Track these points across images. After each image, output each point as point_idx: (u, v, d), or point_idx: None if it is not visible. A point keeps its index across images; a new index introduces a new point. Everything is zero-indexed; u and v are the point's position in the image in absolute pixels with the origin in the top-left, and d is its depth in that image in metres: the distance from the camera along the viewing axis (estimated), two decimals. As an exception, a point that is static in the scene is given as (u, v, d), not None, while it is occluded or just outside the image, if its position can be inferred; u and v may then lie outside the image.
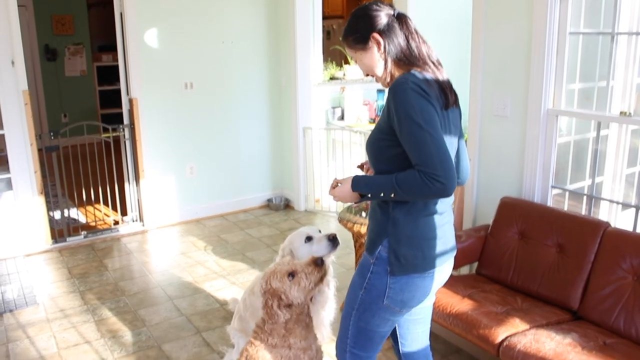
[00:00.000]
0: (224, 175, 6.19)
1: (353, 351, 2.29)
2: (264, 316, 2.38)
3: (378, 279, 2.12)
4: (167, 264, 4.98)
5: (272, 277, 2.31)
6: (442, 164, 1.88)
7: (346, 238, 5.51)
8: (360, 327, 2.23)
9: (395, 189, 1.96)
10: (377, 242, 2.12)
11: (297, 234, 2.94)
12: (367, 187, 2.05)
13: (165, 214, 5.87)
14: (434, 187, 1.88)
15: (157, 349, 3.62)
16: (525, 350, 2.65)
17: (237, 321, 3.33)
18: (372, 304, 2.16)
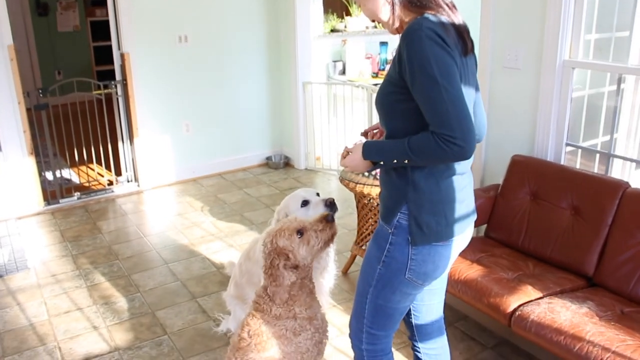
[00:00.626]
0: (222, 133, 5.97)
1: (371, 331, 2.10)
2: (267, 279, 2.20)
3: (398, 251, 1.93)
4: (163, 225, 4.82)
5: (279, 235, 2.12)
6: (459, 124, 1.67)
7: (348, 197, 5.34)
8: (378, 305, 2.04)
9: (408, 154, 1.76)
10: (395, 209, 1.91)
11: (293, 197, 2.75)
12: (378, 154, 1.87)
13: (161, 173, 5.68)
14: (450, 150, 1.68)
15: (151, 315, 3.48)
16: (539, 321, 2.48)
17: (233, 287, 3.18)
18: (393, 278, 1.97)
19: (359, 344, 2.17)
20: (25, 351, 3.16)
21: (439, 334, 2.31)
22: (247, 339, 2.23)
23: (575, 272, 2.91)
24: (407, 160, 1.78)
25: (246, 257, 3.04)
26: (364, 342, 2.14)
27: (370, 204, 3.60)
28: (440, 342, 2.32)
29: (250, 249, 3.02)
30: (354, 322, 2.17)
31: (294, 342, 2.22)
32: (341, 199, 5.32)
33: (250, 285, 3.00)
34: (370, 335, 2.12)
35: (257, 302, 2.26)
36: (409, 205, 1.89)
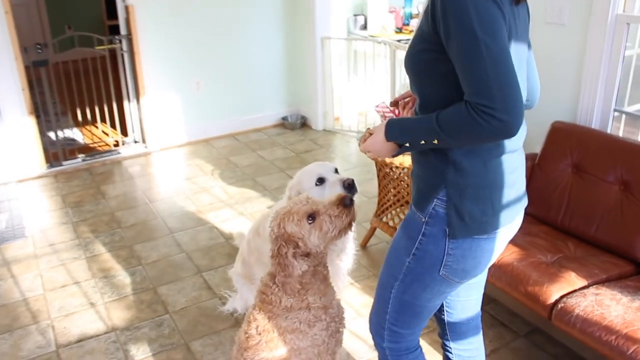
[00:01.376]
0: (235, 91, 5.62)
1: (393, 329, 1.83)
2: (274, 267, 1.91)
3: (433, 244, 1.63)
4: (170, 190, 4.54)
5: (287, 219, 1.82)
6: (501, 91, 1.32)
7: (368, 161, 5.00)
8: (404, 301, 1.75)
9: (437, 133, 1.44)
10: (431, 194, 1.60)
11: (307, 172, 2.42)
12: (403, 134, 1.56)
13: (169, 134, 5.38)
14: (488, 125, 1.34)
15: (153, 292, 3.22)
16: (585, 316, 2.16)
17: (240, 265, 2.89)
18: (424, 274, 1.68)
19: (380, 342, 1.90)
20: (17, 330, 2.93)
21: (474, 333, 2.01)
22: (256, 336, 1.95)
23: (623, 256, 2.58)
24: (436, 140, 1.47)
25: (255, 233, 2.74)
26: (385, 339, 1.87)
27: (393, 174, 3.26)
28: (476, 342, 2.02)
29: (260, 224, 2.72)
30: (374, 317, 1.89)
31: (309, 334, 1.94)
32: (360, 164, 4.98)
33: (259, 265, 2.71)
34: (392, 333, 1.84)
35: (264, 293, 1.97)
36: (448, 191, 1.56)
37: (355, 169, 4.87)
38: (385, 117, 3.41)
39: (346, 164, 5.00)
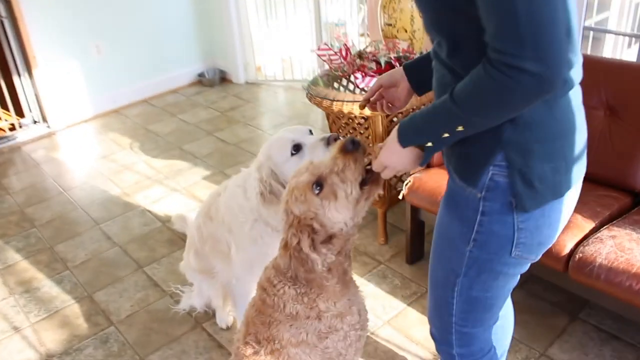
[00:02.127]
0: (141, 51, 4.97)
1: (464, 330, 1.52)
2: (282, 259, 1.47)
3: (497, 222, 1.30)
4: (86, 174, 3.94)
5: (291, 200, 1.41)
6: (531, 30, 0.99)
7: (303, 112, 4.59)
8: (472, 297, 1.44)
9: (458, 115, 1.15)
10: (484, 161, 1.25)
11: (277, 142, 1.94)
12: (419, 132, 1.24)
13: (74, 108, 4.69)
14: (517, 84, 1.03)
15: (88, 300, 2.72)
16: (610, 265, 1.90)
17: (193, 258, 2.43)
18: (493, 261, 1.36)
19: (447, 349, 1.59)
20: None
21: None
22: (255, 346, 1.55)
23: (618, 187, 2.34)
24: (461, 126, 1.16)
25: (206, 217, 2.28)
26: (455, 345, 1.56)
27: (352, 124, 2.87)
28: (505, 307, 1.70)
29: (211, 205, 2.25)
30: (435, 321, 1.58)
31: (320, 347, 1.54)
32: (296, 115, 4.56)
33: (217, 254, 2.27)
34: (463, 336, 1.54)
35: (265, 291, 1.54)
36: (508, 153, 1.21)
37: (290, 122, 4.44)
38: (331, 61, 2.99)
39: (279, 118, 4.55)
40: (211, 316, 2.55)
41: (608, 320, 2.37)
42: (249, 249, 2.09)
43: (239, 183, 2.07)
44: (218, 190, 2.27)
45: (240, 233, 2.08)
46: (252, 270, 2.14)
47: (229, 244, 2.18)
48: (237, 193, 2.05)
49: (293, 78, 5.20)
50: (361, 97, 2.68)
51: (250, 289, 2.27)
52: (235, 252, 2.15)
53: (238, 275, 2.21)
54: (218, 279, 2.34)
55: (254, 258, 2.10)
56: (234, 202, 2.06)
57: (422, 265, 2.77)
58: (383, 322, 2.46)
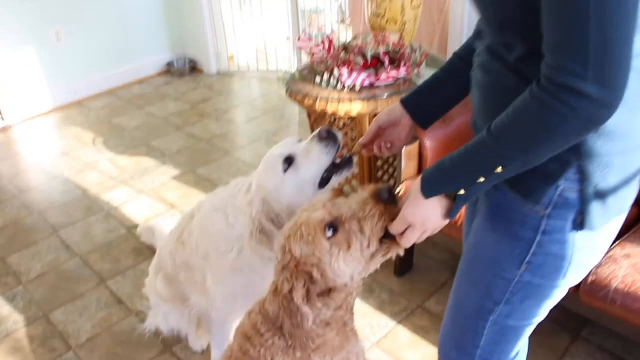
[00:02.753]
0: (105, 38, 4.64)
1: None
2: (274, 304, 1.23)
3: (557, 242, 1.12)
4: (45, 173, 3.63)
5: (293, 237, 1.17)
6: (601, 51, 0.85)
7: (278, 105, 4.33)
8: (507, 327, 1.27)
9: (498, 151, 1.00)
10: (554, 175, 1.07)
11: (268, 164, 1.62)
12: (448, 179, 1.08)
13: (31, 100, 4.36)
14: (572, 112, 0.89)
15: (44, 321, 2.45)
16: (628, 290, 1.71)
17: (163, 285, 2.13)
18: (542, 286, 1.19)
19: None
20: None
21: None
22: None
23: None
24: (500, 167, 1.00)
25: (178, 242, 1.99)
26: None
27: (337, 124, 2.63)
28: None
29: (184, 230, 1.96)
30: (452, 352, 1.38)
31: None
32: (271, 109, 4.29)
33: (192, 285, 2.00)
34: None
35: (248, 339, 1.30)
36: (585, 166, 1.05)
37: (266, 115, 4.18)
38: (313, 54, 2.74)
39: (253, 111, 4.29)
40: (182, 339, 2.30)
41: (612, 339, 2.19)
42: (231, 280, 1.81)
43: (217, 206, 1.77)
44: (191, 211, 1.97)
45: (220, 263, 1.80)
46: (235, 302, 1.88)
47: (205, 273, 1.91)
48: (216, 219, 1.75)
49: (268, 68, 4.93)
50: (348, 95, 2.45)
51: (233, 319, 2.02)
52: (212, 283, 1.87)
53: (218, 308, 1.94)
54: (192, 309, 2.08)
55: (237, 290, 1.85)
56: (214, 229, 1.77)
57: (412, 279, 2.55)
58: (372, 344, 2.24)
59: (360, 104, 2.39)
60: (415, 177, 2.35)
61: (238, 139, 3.90)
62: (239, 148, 3.77)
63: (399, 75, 2.50)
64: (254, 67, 4.99)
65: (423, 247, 2.70)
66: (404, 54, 2.52)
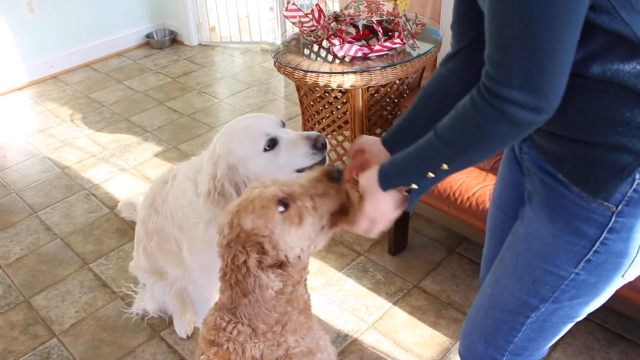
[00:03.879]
0: (81, 9, 4.43)
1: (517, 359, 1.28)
2: (227, 295, 1.19)
3: (624, 240, 1.06)
4: (20, 151, 3.48)
5: (243, 211, 1.14)
6: (524, 56, 0.91)
7: (263, 78, 4.20)
8: (548, 325, 1.21)
9: (442, 151, 1.07)
10: (629, 168, 0.99)
11: (245, 133, 1.57)
12: (402, 173, 1.14)
13: (4, 75, 4.16)
14: (501, 116, 0.96)
15: (25, 307, 2.35)
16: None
17: (142, 256, 2.07)
18: (597, 284, 1.13)
19: None
20: None
21: None
22: None
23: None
24: (445, 164, 1.08)
25: (150, 208, 1.91)
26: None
27: (328, 98, 2.53)
28: None
29: (156, 195, 1.90)
30: (479, 345, 1.30)
31: None
32: (256, 82, 4.16)
33: (165, 253, 1.93)
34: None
35: (212, 341, 1.23)
36: None
37: (250, 89, 4.05)
38: (302, 24, 2.62)
39: (237, 84, 4.15)
40: (170, 324, 2.22)
41: (612, 318, 2.16)
42: (205, 251, 1.74)
43: (189, 175, 1.71)
44: (164, 176, 1.91)
45: (192, 234, 1.74)
46: (212, 273, 1.81)
47: (179, 244, 1.83)
48: (187, 187, 1.70)
49: (251, 39, 4.77)
50: (339, 67, 2.34)
51: (211, 293, 1.94)
52: (188, 254, 1.80)
53: (195, 280, 1.87)
54: (171, 284, 2.00)
55: (212, 261, 1.77)
56: (184, 198, 1.71)
57: (406, 257, 2.49)
58: (367, 326, 2.18)
59: (353, 76, 2.29)
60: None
61: (222, 114, 3.77)
62: (223, 123, 3.64)
63: (393, 45, 2.40)
64: (237, 38, 4.83)
65: (417, 224, 2.63)
66: (398, 23, 2.41)
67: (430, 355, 2.05)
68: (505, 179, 1.36)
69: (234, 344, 1.20)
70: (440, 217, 2.22)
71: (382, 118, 2.61)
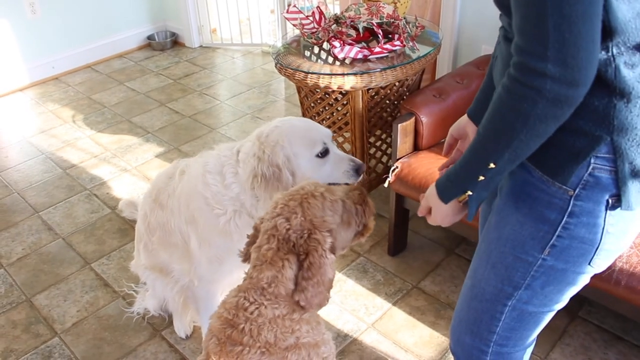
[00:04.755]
0: (83, 10, 4.46)
1: (502, 350, 1.29)
2: (302, 272, 1.21)
3: (586, 225, 1.07)
4: (22, 152, 3.50)
5: (311, 200, 1.23)
6: (558, 32, 0.86)
7: (263, 80, 4.22)
8: (527, 312, 1.22)
9: (487, 148, 1.03)
10: (584, 152, 1.02)
11: (308, 134, 1.69)
12: (455, 183, 1.14)
13: (6, 75, 4.19)
14: (538, 95, 0.90)
15: (27, 306, 2.36)
16: (632, 270, 1.68)
17: (143, 253, 2.08)
18: (566, 271, 1.14)
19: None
20: None
21: None
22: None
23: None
24: (492, 163, 1.03)
25: (154, 203, 1.94)
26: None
27: (328, 100, 2.55)
28: None
29: (161, 190, 1.93)
30: (467, 338, 1.32)
31: None
32: (257, 83, 4.18)
33: (167, 248, 1.95)
34: (499, 357, 1.31)
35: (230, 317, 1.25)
36: (618, 141, 0.99)
37: (251, 91, 4.07)
38: (302, 26, 2.64)
39: (238, 86, 4.17)
40: (171, 323, 2.23)
41: (609, 319, 2.17)
42: (218, 242, 1.78)
43: (210, 169, 1.75)
44: (168, 172, 1.95)
45: (209, 225, 1.77)
46: (221, 267, 1.85)
47: (186, 237, 1.85)
48: (210, 181, 1.74)
49: (252, 42, 4.80)
50: (340, 68, 2.36)
51: (216, 290, 1.96)
52: (197, 246, 1.82)
53: (201, 275, 1.89)
54: (175, 280, 2.01)
55: (223, 254, 1.81)
56: (208, 191, 1.74)
57: (406, 258, 2.50)
58: (367, 326, 2.20)
59: (353, 78, 2.31)
60: (411, 153, 2.28)
61: (223, 115, 3.79)
62: (223, 124, 3.66)
63: (393, 48, 2.41)
64: (238, 40, 4.86)
65: (416, 225, 2.65)
66: (398, 26, 2.43)
67: (429, 355, 2.07)
68: None
69: (251, 325, 1.22)
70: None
71: (382, 119, 2.63)
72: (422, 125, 2.22)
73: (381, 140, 2.72)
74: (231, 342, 1.23)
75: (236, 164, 1.72)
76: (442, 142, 2.38)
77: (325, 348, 1.33)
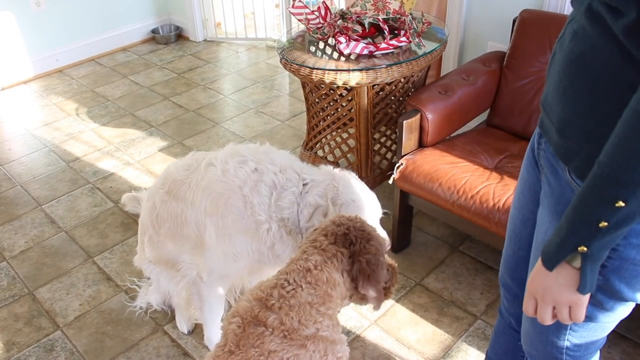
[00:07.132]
0: (87, 3, 4.44)
1: (577, 354, 1.23)
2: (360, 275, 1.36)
3: (637, 248, 0.98)
4: (25, 144, 3.50)
5: (371, 233, 1.40)
6: None
7: (267, 75, 4.20)
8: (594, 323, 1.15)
9: (615, 179, 0.82)
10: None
11: (371, 199, 1.84)
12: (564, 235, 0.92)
13: (10, 68, 4.18)
14: None
15: (29, 299, 2.36)
16: None
17: (148, 247, 2.07)
18: (624, 291, 1.05)
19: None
20: None
21: None
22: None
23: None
24: (621, 201, 0.83)
25: (167, 195, 1.90)
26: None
27: (333, 96, 2.54)
28: None
29: (177, 182, 1.87)
30: (538, 345, 1.27)
31: None
32: (261, 78, 4.17)
33: (177, 240, 1.92)
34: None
35: (262, 295, 1.29)
36: None
37: (255, 85, 4.06)
38: (308, 21, 2.62)
39: (242, 81, 4.16)
40: (173, 317, 2.23)
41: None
42: (240, 240, 1.79)
43: (267, 181, 1.77)
44: (185, 163, 1.91)
45: (238, 223, 1.78)
46: (235, 264, 1.84)
47: (202, 228, 1.82)
48: (264, 191, 1.76)
49: (256, 36, 4.78)
50: (345, 64, 2.35)
51: (221, 290, 1.96)
52: (213, 238, 1.81)
53: (212, 267, 1.87)
54: (182, 274, 1.99)
55: (242, 251, 1.81)
56: (255, 198, 1.75)
57: (409, 255, 2.49)
58: (370, 323, 2.19)
59: (358, 73, 2.30)
60: (416, 150, 2.27)
61: (226, 110, 3.78)
62: (227, 119, 3.65)
63: (399, 44, 2.40)
64: (242, 34, 4.84)
65: (420, 222, 2.64)
66: (404, 22, 2.42)
67: (432, 352, 2.06)
68: (524, 180, 1.30)
69: (283, 303, 1.26)
70: (443, 215, 2.23)
71: (387, 116, 2.62)
72: (428, 122, 2.21)
73: (386, 137, 2.71)
74: (255, 323, 1.26)
75: (299, 196, 1.76)
76: (447, 139, 2.37)
77: (341, 347, 1.36)
